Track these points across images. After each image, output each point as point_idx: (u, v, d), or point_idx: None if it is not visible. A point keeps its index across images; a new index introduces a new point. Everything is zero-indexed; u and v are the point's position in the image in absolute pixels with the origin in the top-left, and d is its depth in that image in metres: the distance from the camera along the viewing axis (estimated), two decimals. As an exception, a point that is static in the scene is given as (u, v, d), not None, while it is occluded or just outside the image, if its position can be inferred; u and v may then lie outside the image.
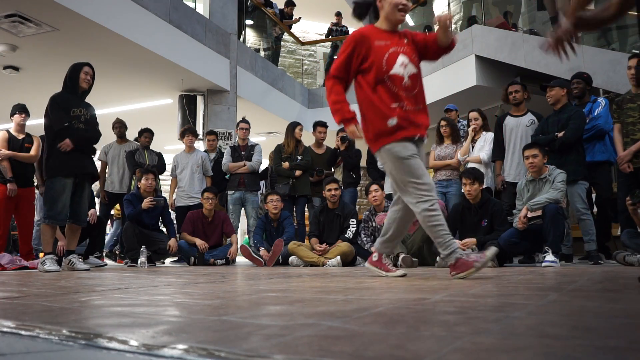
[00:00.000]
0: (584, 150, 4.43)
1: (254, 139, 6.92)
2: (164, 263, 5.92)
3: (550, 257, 3.77)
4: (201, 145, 7.19)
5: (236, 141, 6.27)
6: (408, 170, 2.55)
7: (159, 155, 6.31)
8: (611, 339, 0.81)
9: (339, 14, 11.30)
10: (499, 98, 5.66)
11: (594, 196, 4.68)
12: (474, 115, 5.34)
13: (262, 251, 5.26)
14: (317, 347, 0.77)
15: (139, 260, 4.94)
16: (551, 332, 0.87)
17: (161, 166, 6.25)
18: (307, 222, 5.96)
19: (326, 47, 11.95)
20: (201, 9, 8.22)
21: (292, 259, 5.06)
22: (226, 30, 8.09)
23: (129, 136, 6.47)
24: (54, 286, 2.21)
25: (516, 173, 4.71)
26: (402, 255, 4.23)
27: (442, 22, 2.62)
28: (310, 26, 13.38)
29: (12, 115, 5.05)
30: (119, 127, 6.31)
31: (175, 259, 5.99)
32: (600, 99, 4.67)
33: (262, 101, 8.90)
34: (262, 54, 9.89)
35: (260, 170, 6.34)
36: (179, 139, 6.66)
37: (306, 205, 6.10)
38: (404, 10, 2.65)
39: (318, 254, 4.91)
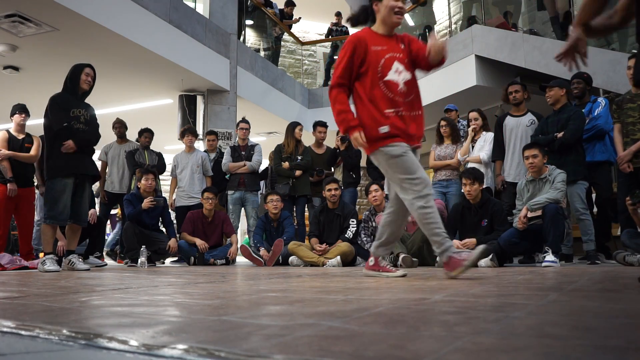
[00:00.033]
0: (583, 150, 4.43)
1: (254, 139, 6.92)
2: (164, 263, 5.92)
3: (550, 257, 3.77)
4: (201, 145, 7.19)
5: (236, 141, 6.27)
6: (401, 167, 2.56)
7: (159, 155, 6.31)
8: (611, 339, 0.81)
9: (339, 14, 11.30)
10: (499, 98, 5.66)
11: (594, 196, 4.68)
12: (473, 115, 5.34)
13: (262, 251, 5.27)
14: (317, 347, 0.77)
15: (139, 260, 4.94)
16: (551, 332, 0.87)
17: (161, 166, 6.25)
18: (307, 222, 5.96)
19: (326, 47, 11.95)
20: (201, 9, 8.22)
21: (292, 259, 5.06)
22: (226, 30, 8.09)
23: (129, 136, 6.47)
24: (54, 286, 2.21)
25: (516, 173, 4.71)
26: (402, 255, 4.23)
27: (436, 48, 2.55)
28: (310, 26, 13.38)
29: (12, 115, 5.05)
30: (119, 127, 6.31)
31: (175, 259, 5.99)
32: (600, 99, 4.66)
33: (262, 101, 8.90)
34: (262, 54, 9.89)
35: (260, 170, 6.34)
36: (179, 139, 6.66)
37: (306, 205, 6.10)
38: (400, 13, 2.64)
39: (318, 254, 4.91)
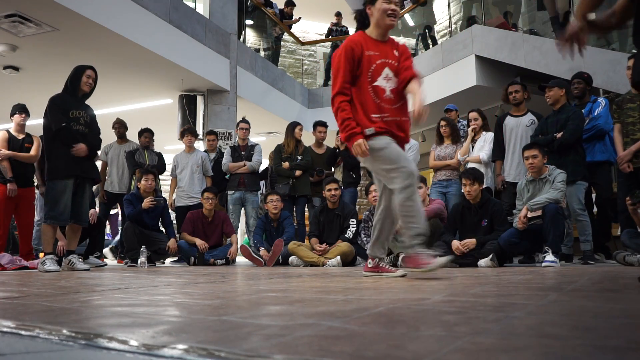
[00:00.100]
0: (583, 150, 4.43)
1: (254, 139, 6.92)
2: (164, 263, 5.92)
3: (550, 257, 3.77)
4: (201, 145, 7.19)
5: (236, 141, 6.27)
6: (386, 158, 2.57)
7: (159, 155, 6.31)
8: (611, 339, 0.81)
9: (339, 14, 11.29)
10: (499, 98, 5.66)
11: (594, 196, 4.67)
12: (473, 115, 5.34)
13: (262, 251, 5.27)
14: (317, 347, 0.77)
15: (139, 260, 4.94)
16: (551, 332, 0.87)
17: (161, 166, 6.25)
18: (307, 222, 5.96)
19: (326, 47, 11.95)
20: (201, 9, 8.22)
21: (292, 259, 5.06)
22: (226, 30, 8.09)
23: (129, 136, 6.47)
24: (54, 286, 2.21)
25: (516, 173, 4.71)
26: (402, 255, 4.22)
27: (416, 116, 2.54)
28: (310, 26, 13.37)
29: (12, 115, 5.05)
30: (118, 127, 6.31)
31: (175, 259, 5.99)
32: (600, 99, 4.66)
33: (262, 101, 8.90)
34: (262, 54, 9.89)
35: (260, 170, 6.33)
36: (179, 139, 6.66)
37: (306, 205, 6.10)
38: (394, 15, 2.65)
39: (318, 254, 4.91)
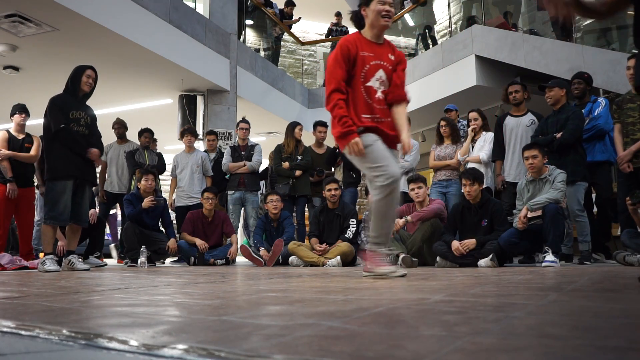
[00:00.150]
0: (584, 150, 4.42)
1: (254, 139, 6.93)
2: (164, 263, 5.92)
3: (550, 257, 3.77)
4: (201, 145, 7.19)
5: (236, 141, 6.27)
6: (370, 157, 2.58)
7: (159, 155, 6.31)
8: (611, 339, 0.81)
9: (339, 14, 11.29)
10: (499, 98, 5.66)
11: (594, 196, 4.68)
12: (473, 115, 5.34)
13: (262, 251, 5.27)
14: (317, 347, 0.77)
15: (139, 260, 4.94)
16: (551, 332, 0.87)
17: (161, 166, 6.26)
18: (307, 222, 5.96)
19: (326, 47, 11.94)
20: (201, 9, 8.22)
21: (292, 259, 5.06)
22: (226, 30, 8.09)
23: (129, 136, 6.47)
24: (54, 286, 2.21)
25: (516, 173, 4.71)
26: (402, 255, 4.23)
27: (406, 150, 2.70)
28: (310, 26, 13.37)
29: (12, 115, 5.05)
30: (118, 127, 6.31)
31: (175, 259, 5.99)
32: (600, 99, 4.66)
33: (262, 101, 8.90)
34: (262, 54, 9.89)
35: (260, 170, 6.34)
36: (179, 139, 6.66)
37: (306, 205, 6.10)
38: (388, 16, 2.66)
39: (318, 254, 4.91)
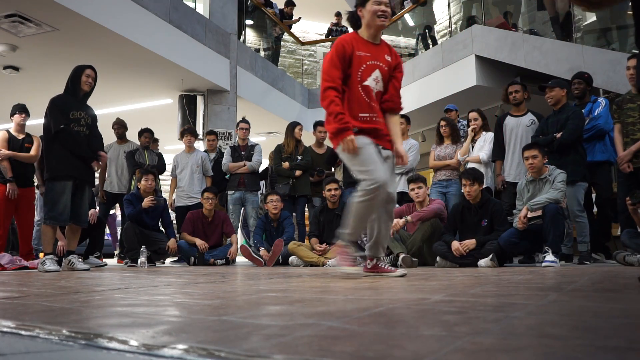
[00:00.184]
0: (584, 150, 4.42)
1: (254, 139, 6.93)
2: (164, 263, 5.92)
3: (550, 257, 3.77)
4: (201, 145, 7.19)
5: (236, 141, 6.27)
6: (359, 159, 2.60)
7: (159, 156, 6.31)
8: (611, 339, 0.81)
9: (338, 14, 11.29)
10: (499, 98, 5.65)
11: (594, 196, 4.67)
12: (473, 115, 5.34)
13: (262, 251, 5.27)
14: (317, 347, 0.77)
15: (139, 260, 4.94)
16: (551, 332, 0.87)
17: (161, 166, 6.26)
18: (307, 222, 5.96)
19: (326, 47, 11.94)
20: (201, 9, 8.23)
21: (292, 259, 5.06)
22: (226, 30, 8.09)
23: (129, 136, 6.47)
24: (54, 286, 2.21)
25: (516, 173, 4.71)
26: (402, 255, 4.23)
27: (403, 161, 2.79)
28: (310, 26, 13.38)
29: (12, 115, 5.05)
30: (118, 127, 6.31)
31: (175, 259, 5.99)
32: (600, 99, 4.66)
33: (262, 101, 8.90)
34: (262, 54, 9.89)
35: (260, 170, 6.34)
36: (179, 139, 6.66)
37: (306, 205, 6.10)
38: (384, 16, 2.68)
39: (318, 254, 4.91)
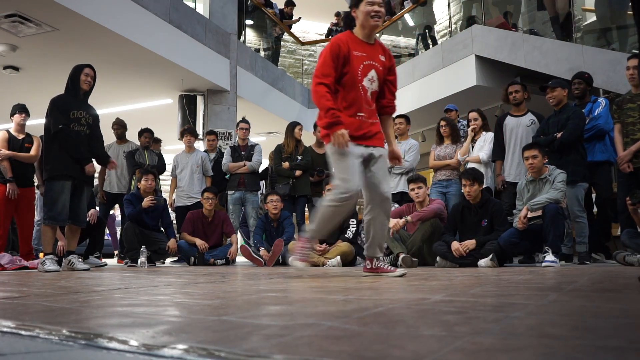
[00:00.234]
0: (584, 150, 4.42)
1: (254, 139, 6.93)
2: (164, 263, 5.92)
3: (550, 257, 3.77)
4: (201, 145, 7.19)
5: (236, 141, 6.27)
6: (339, 165, 2.66)
7: (159, 156, 6.31)
8: (611, 339, 0.81)
9: (338, 14, 11.28)
10: (499, 98, 5.65)
11: (594, 196, 4.67)
12: (473, 115, 5.34)
13: (262, 251, 5.27)
14: (317, 347, 0.77)
15: (139, 260, 4.94)
16: (551, 332, 0.87)
17: (161, 166, 6.26)
18: (307, 222, 5.95)
19: (326, 47, 11.92)
20: (201, 9, 8.22)
21: (292, 259, 5.05)
22: (226, 30, 8.09)
23: (129, 136, 6.47)
24: (54, 286, 2.20)
25: (516, 173, 4.71)
26: (402, 255, 4.23)
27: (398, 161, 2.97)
28: (310, 26, 13.38)
29: (12, 115, 5.05)
30: (117, 128, 6.31)
31: (175, 259, 5.99)
32: (600, 99, 4.66)
33: (262, 101, 8.90)
34: (262, 54, 9.89)
35: (260, 170, 6.33)
36: (179, 139, 6.66)
37: (306, 205, 6.10)
38: (377, 16, 2.70)
39: (318, 254, 4.91)
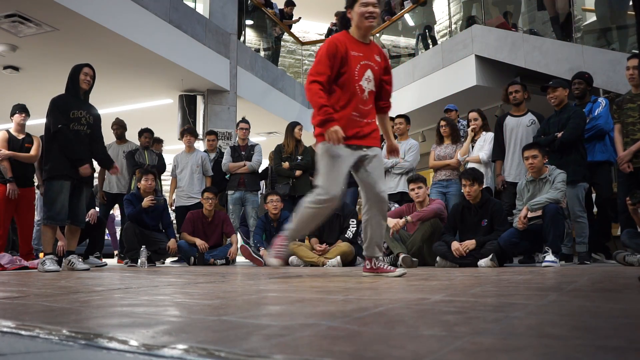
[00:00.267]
0: (585, 150, 4.42)
1: (254, 139, 6.93)
2: (164, 263, 5.92)
3: (550, 257, 3.77)
4: (201, 145, 7.19)
5: (236, 141, 6.27)
6: (325, 167, 2.67)
7: (159, 156, 6.31)
8: (611, 339, 0.81)
9: (339, 14, 11.28)
10: (499, 98, 5.65)
11: (594, 196, 4.68)
12: (473, 115, 5.34)
13: (262, 251, 5.26)
14: (317, 347, 0.77)
15: (139, 260, 4.94)
16: (551, 332, 0.87)
17: (161, 166, 6.26)
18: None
19: (326, 47, 11.92)
20: (201, 9, 8.22)
21: (292, 259, 5.06)
22: (226, 30, 8.09)
23: (129, 136, 6.47)
24: (54, 286, 2.21)
25: (516, 173, 4.71)
26: (402, 255, 4.23)
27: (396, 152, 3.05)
28: (310, 26, 13.37)
29: (12, 115, 5.05)
30: (116, 128, 6.31)
31: (175, 259, 5.99)
32: (600, 99, 4.66)
33: (262, 101, 8.90)
34: (262, 54, 9.89)
35: (260, 170, 6.33)
36: (179, 139, 6.66)
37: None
38: (372, 17, 2.71)
39: (318, 254, 4.91)
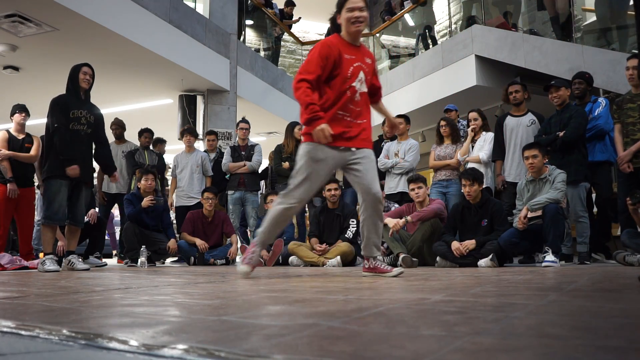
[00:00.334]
0: (586, 150, 4.42)
1: (254, 139, 6.92)
2: (164, 263, 5.92)
3: (550, 257, 3.77)
4: (201, 145, 7.19)
5: (236, 141, 6.27)
6: (304, 169, 2.69)
7: (159, 156, 6.31)
8: (611, 339, 0.81)
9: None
10: (499, 98, 5.65)
11: (594, 196, 4.68)
12: (473, 115, 5.34)
13: (262, 251, 5.26)
14: (317, 347, 0.77)
15: (139, 260, 4.94)
16: (551, 332, 0.87)
17: (161, 166, 6.25)
18: (307, 222, 5.95)
19: (326, 47, 11.92)
20: (201, 9, 8.22)
21: (292, 259, 5.06)
22: (226, 30, 8.09)
23: (129, 136, 6.46)
24: (54, 286, 2.21)
25: (516, 173, 4.71)
26: (402, 255, 4.23)
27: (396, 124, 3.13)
28: (310, 26, 13.36)
29: (12, 115, 5.05)
30: (115, 128, 6.30)
31: (175, 259, 5.99)
32: (600, 99, 4.66)
33: (262, 101, 8.90)
34: (262, 54, 9.89)
35: (260, 170, 6.33)
36: (179, 139, 6.66)
37: (306, 205, 6.09)
38: (358, 22, 2.74)
39: (318, 254, 4.91)
